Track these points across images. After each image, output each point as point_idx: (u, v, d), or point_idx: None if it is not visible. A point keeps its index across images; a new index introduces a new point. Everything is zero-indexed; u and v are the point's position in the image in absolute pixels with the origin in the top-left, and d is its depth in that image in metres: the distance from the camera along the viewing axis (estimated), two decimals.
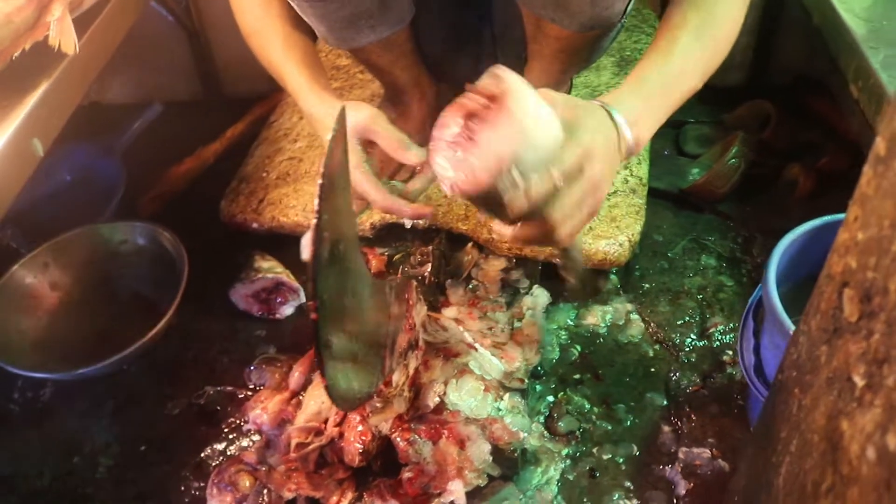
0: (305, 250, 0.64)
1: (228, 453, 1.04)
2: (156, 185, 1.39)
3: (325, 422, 0.96)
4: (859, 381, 0.53)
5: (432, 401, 0.94)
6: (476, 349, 0.98)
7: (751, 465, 0.78)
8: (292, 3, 0.98)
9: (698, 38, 0.88)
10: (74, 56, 0.97)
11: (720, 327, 1.13)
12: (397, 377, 0.90)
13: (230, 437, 1.06)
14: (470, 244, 1.18)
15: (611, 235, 1.14)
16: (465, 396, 0.94)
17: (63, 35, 0.93)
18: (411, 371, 0.93)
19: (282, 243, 1.27)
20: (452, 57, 1.20)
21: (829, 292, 0.59)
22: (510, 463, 0.95)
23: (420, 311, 0.95)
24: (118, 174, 1.35)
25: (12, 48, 0.91)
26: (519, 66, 1.17)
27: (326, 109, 0.95)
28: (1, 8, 0.91)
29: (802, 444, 0.63)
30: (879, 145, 0.50)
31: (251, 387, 1.11)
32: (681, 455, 0.98)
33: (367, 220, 1.20)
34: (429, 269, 1.10)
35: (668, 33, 0.89)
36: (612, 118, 0.80)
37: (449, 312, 1.06)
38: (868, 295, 0.53)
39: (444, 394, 0.94)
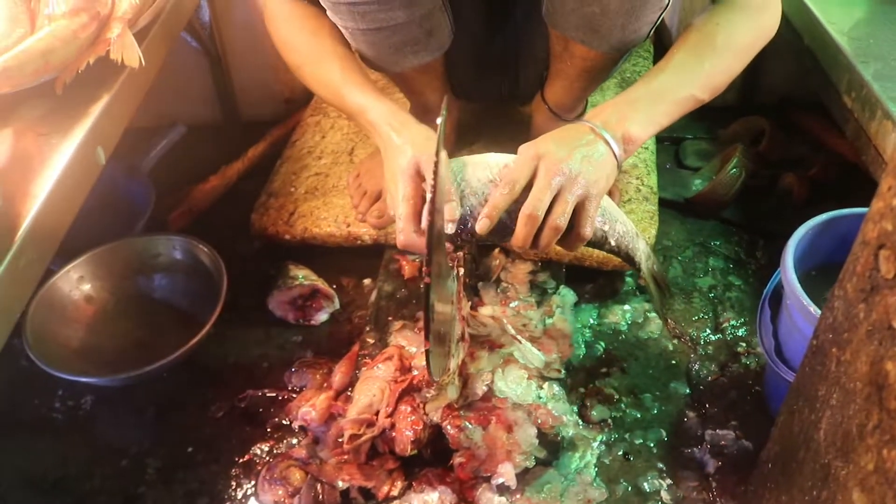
0: (424, 219, 0.69)
1: (276, 451, 1.08)
2: (182, 202, 1.44)
3: (377, 414, 1.01)
4: None
5: (480, 389, 1.00)
6: (520, 341, 1.04)
7: (784, 431, 0.85)
8: (343, 31, 1.05)
9: (695, 52, 1.00)
10: (130, 71, 1.03)
11: (732, 322, 1.21)
12: (453, 364, 0.96)
13: (275, 436, 1.10)
14: (497, 249, 1.25)
15: None
16: (512, 384, 1.00)
17: (126, 50, 0.99)
18: (459, 361, 0.99)
19: (311, 254, 1.33)
20: (477, 77, 1.27)
21: (864, 256, 0.66)
22: (553, 447, 1.01)
23: (465, 306, 1.01)
24: (146, 192, 1.39)
25: (78, 62, 0.97)
26: (537, 84, 1.26)
27: (396, 115, 1.01)
28: (67, 25, 0.97)
29: (844, 395, 0.70)
30: None
31: (291, 389, 1.15)
32: (707, 437, 1.05)
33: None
34: (462, 272, 1.16)
35: (668, 54, 1.01)
36: (591, 128, 0.92)
37: (485, 311, 1.13)
38: None
39: (492, 382, 1.00)
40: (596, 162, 0.89)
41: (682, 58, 1.00)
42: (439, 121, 0.72)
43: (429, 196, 0.66)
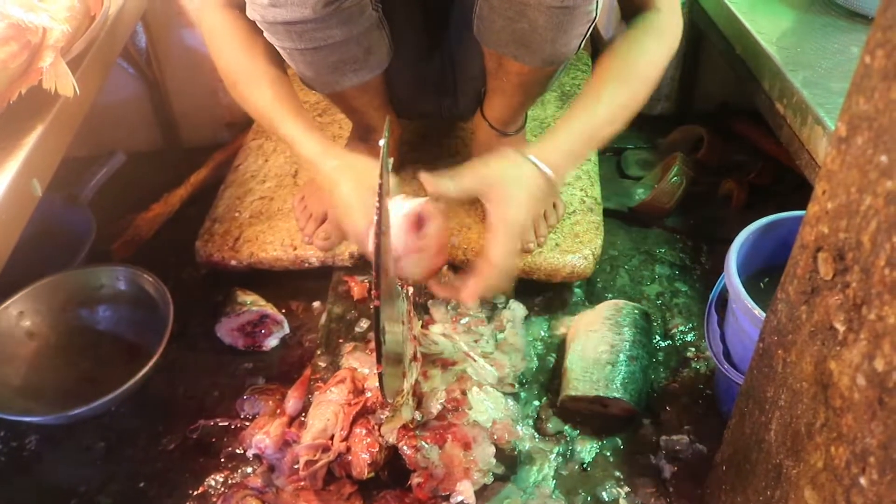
0: (370, 243, 0.69)
1: (231, 482, 1.05)
2: (124, 231, 1.41)
3: (332, 438, 1.00)
4: (841, 327, 0.62)
5: (435, 408, 0.99)
6: (474, 359, 1.04)
7: (736, 433, 0.86)
8: (281, 52, 1.04)
9: (612, 88, 1.03)
10: (65, 100, 1.01)
11: (681, 328, 1.23)
12: (407, 385, 0.95)
13: (230, 465, 1.07)
14: (445, 267, 1.24)
15: (576, 250, 1.23)
16: (487, 399, 1.01)
17: (59, 79, 0.97)
18: (413, 381, 0.99)
19: (259, 279, 1.31)
20: (417, 96, 1.28)
21: (804, 259, 0.68)
22: (510, 461, 1.01)
23: (416, 325, 1.01)
24: (87, 223, 1.36)
25: (8, 93, 0.95)
26: (477, 102, 1.27)
27: (326, 153, 1.00)
28: None
29: (791, 395, 0.71)
30: (840, 129, 0.60)
31: (244, 417, 1.13)
32: (662, 443, 1.07)
33: (346, 250, 1.26)
34: (411, 291, 1.16)
35: (590, 87, 1.07)
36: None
37: (436, 329, 1.12)
38: (841, 254, 0.62)
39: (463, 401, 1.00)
40: (535, 192, 0.94)
41: (596, 93, 1.04)
42: (382, 142, 0.72)
43: (374, 218, 0.65)
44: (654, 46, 1.06)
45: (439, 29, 1.20)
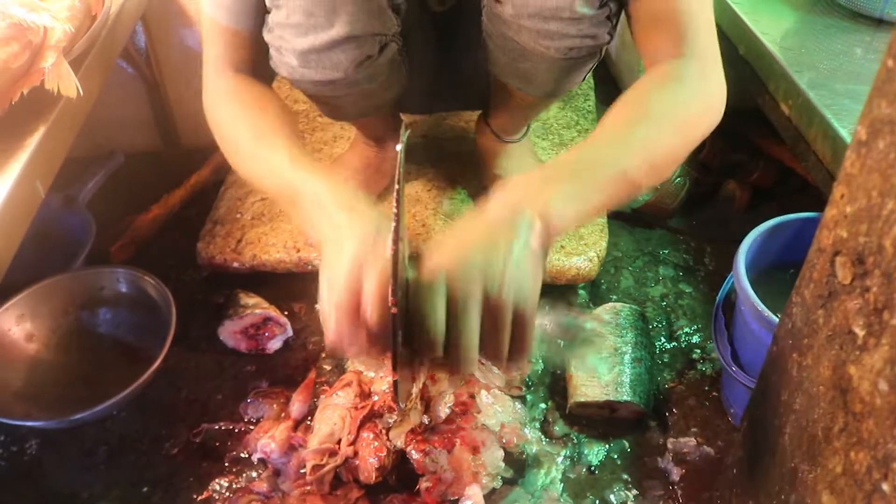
0: (388, 249, 0.68)
1: (235, 486, 1.04)
2: (124, 233, 1.39)
3: (339, 442, 0.99)
4: (860, 332, 0.62)
5: (443, 412, 0.99)
6: (482, 361, 1.03)
7: (747, 436, 0.86)
8: (302, 93, 1.04)
9: (624, 123, 0.82)
10: (67, 100, 0.99)
11: (686, 329, 1.23)
12: (416, 389, 0.94)
13: (234, 470, 1.06)
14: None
15: (581, 252, 1.23)
16: (495, 402, 1.00)
17: (62, 79, 0.96)
18: (420, 385, 0.98)
19: (261, 281, 1.30)
20: (424, 99, 1.28)
21: (821, 263, 0.68)
22: (518, 465, 1.00)
23: None
24: (86, 224, 1.34)
25: (10, 94, 0.93)
26: (482, 103, 1.26)
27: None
28: None
29: (807, 399, 0.71)
30: (860, 132, 0.60)
31: (248, 420, 1.12)
32: (669, 446, 1.06)
33: None
34: None
35: (596, 129, 0.84)
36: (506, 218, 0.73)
37: None
38: (860, 258, 0.62)
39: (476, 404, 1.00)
40: (517, 263, 0.68)
41: (610, 130, 0.82)
42: (399, 147, 0.71)
43: (392, 225, 0.65)
44: (676, 86, 0.86)
45: (449, 45, 1.19)
